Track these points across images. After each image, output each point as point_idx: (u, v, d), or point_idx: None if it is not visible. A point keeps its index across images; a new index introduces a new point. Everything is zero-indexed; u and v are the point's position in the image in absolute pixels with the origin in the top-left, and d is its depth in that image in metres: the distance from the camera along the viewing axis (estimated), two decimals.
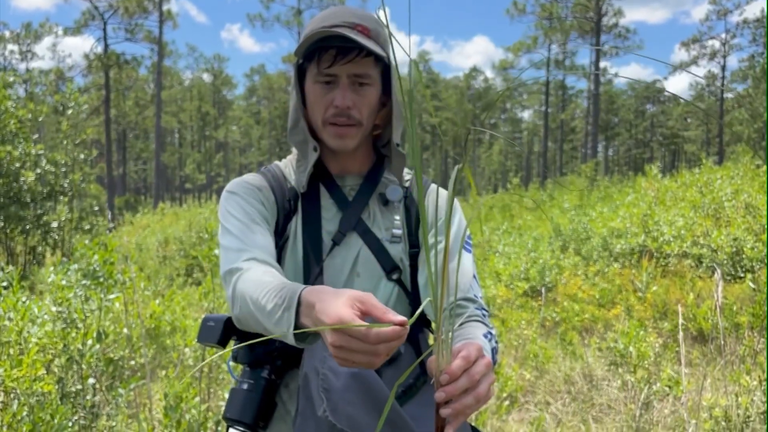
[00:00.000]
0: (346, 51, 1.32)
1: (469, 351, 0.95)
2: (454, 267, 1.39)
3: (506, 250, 10.05)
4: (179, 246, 12.33)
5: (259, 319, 1.09)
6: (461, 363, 0.93)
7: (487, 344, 1.24)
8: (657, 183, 13.43)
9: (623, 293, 7.08)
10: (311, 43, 1.34)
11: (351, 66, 1.33)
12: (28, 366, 2.96)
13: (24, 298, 3.37)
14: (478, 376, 0.94)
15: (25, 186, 9.45)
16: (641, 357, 4.39)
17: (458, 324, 1.33)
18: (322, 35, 1.31)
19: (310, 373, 1.06)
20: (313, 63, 1.37)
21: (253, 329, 1.17)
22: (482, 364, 0.96)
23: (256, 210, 1.37)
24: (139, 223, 19.86)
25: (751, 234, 7.50)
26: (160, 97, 36.83)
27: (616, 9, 40.25)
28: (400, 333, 0.88)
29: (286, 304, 1.02)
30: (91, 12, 35.60)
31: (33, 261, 10.00)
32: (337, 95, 1.34)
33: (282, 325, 1.02)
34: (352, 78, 1.35)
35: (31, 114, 10.07)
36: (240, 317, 1.18)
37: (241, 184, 1.43)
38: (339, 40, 1.32)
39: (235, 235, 1.31)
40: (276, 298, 1.06)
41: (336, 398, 1.02)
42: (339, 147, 1.39)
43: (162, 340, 4.32)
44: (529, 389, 4.98)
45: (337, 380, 1.03)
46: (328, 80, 1.35)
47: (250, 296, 1.13)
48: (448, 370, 0.92)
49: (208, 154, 58.79)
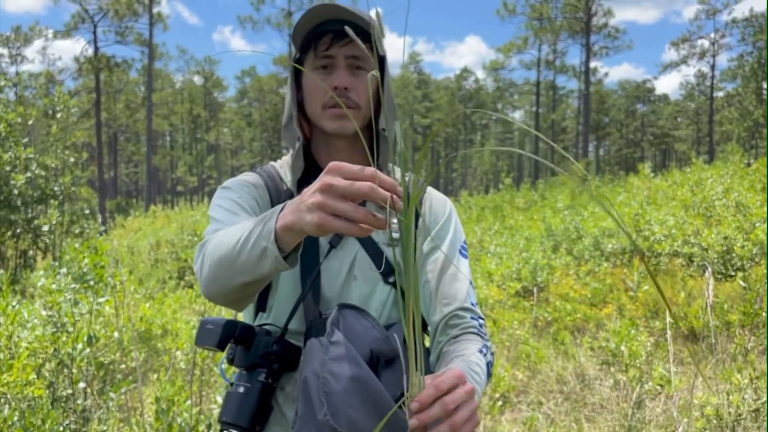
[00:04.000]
0: (342, 33, 1.32)
1: (443, 379, 0.95)
2: (452, 274, 1.39)
3: (498, 250, 10.08)
4: (171, 249, 12.30)
5: (233, 255, 1.04)
6: (431, 392, 0.93)
7: (482, 360, 1.24)
8: (649, 182, 13.50)
9: (615, 292, 7.11)
10: (308, 31, 1.35)
11: (348, 48, 1.34)
12: (18, 370, 2.94)
13: (14, 303, 3.35)
14: (452, 405, 0.94)
15: (16, 190, 9.40)
16: (633, 356, 4.41)
17: (453, 336, 1.33)
18: (319, 19, 1.32)
19: (310, 376, 1.06)
20: (310, 51, 1.37)
21: (220, 287, 1.11)
22: (460, 392, 0.96)
23: (247, 203, 1.35)
24: (131, 226, 19.79)
25: (741, 233, 7.54)
26: (151, 100, 36.71)
27: (605, 9, 40.45)
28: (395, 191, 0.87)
29: (269, 214, 1.00)
30: (81, 15, 35.45)
31: (24, 265, 9.95)
32: (335, 77, 1.34)
33: (260, 240, 0.99)
34: (350, 60, 1.35)
35: (21, 118, 10.02)
36: (208, 276, 1.12)
37: (236, 181, 1.42)
38: (335, 24, 1.32)
39: (219, 221, 1.29)
40: (252, 223, 1.03)
41: (337, 401, 1.01)
42: (338, 129, 1.37)
43: (153, 343, 4.31)
44: (521, 389, 4.99)
45: (338, 383, 1.02)
46: (326, 63, 1.36)
47: (222, 241, 1.09)
48: (418, 397, 0.92)
49: (200, 156, 58.66)
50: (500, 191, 21.79)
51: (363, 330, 1.14)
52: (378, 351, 1.14)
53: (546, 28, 42.50)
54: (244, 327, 1.30)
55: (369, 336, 1.14)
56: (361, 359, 1.07)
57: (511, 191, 20.26)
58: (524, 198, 18.98)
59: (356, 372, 1.04)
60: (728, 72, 46.64)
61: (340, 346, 1.07)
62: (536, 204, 17.65)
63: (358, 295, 1.33)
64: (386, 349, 1.15)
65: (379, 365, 1.14)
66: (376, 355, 1.13)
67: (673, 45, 46.57)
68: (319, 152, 1.45)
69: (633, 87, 62.01)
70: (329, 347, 1.07)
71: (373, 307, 1.33)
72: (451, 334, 1.34)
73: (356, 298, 1.32)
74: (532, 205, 17.79)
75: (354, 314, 1.16)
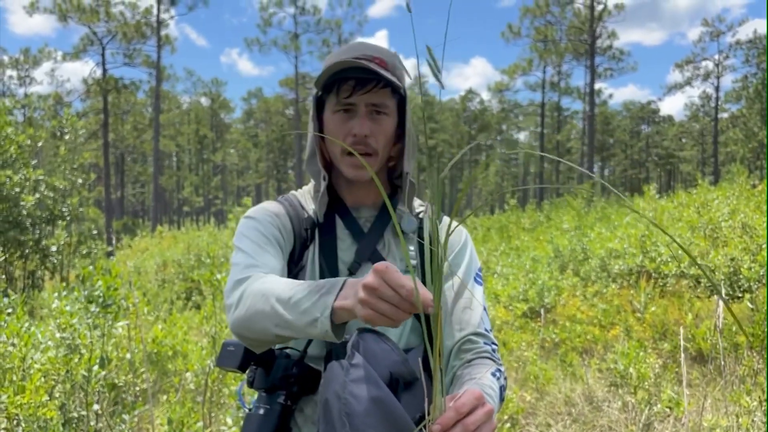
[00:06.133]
0: (364, 81, 1.37)
1: (464, 401, 0.99)
2: (466, 300, 1.43)
3: (504, 271, 10.07)
4: (178, 269, 12.33)
5: (280, 310, 1.13)
6: (453, 414, 0.97)
7: (495, 383, 1.27)
8: (654, 203, 13.50)
9: (622, 314, 7.09)
10: (331, 74, 1.39)
11: (369, 96, 1.39)
12: (31, 392, 2.96)
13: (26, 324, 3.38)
14: (473, 426, 0.97)
15: (25, 211, 9.47)
16: (641, 378, 4.40)
17: (467, 360, 1.36)
18: (342, 66, 1.36)
19: (331, 398, 1.08)
20: (332, 94, 1.42)
21: (254, 331, 1.19)
22: (480, 413, 0.99)
23: (271, 234, 1.40)
24: (138, 246, 19.84)
25: (748, 254, 7.53)
26: (158, 121, 36.93)
27: (610, 31, 40.56)
28: (428, 303, 0.96)
29: (326, 289, 1.09)
30: (89, 37, 35.79)
31: (32, 285, 9.98)
32: (355, 124, 1.39)
33: (314, 310, 1.08)
34: (370, 107, 1.40)
35: (31, 139, 10.12)
36: (245, 316, 1.19)
37: (259, 210, 1.47)
38: (358, 71, 1.37)
39: (246, 253, 1.34)
40: (310, 287, 1.11)
41: (357, 422, 1.04)
42: (356, 177, 1.43)
43: (164, 364, 4.32)
44: (529, 411, 4.98)
45: (359, 405, 1.05)
46: (347, 109, 1.41)
47: (269, 291, 1.16)
48: (440, 420, 0.95)
49: (206, 176, 58.89)
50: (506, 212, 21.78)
51: (382, 353, 1.17)
52: (397, 374, 1.16)
53: (551, 50, 42.73)
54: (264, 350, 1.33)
55: (389, 359, 1.16)
56: (382, 381, 1.10)
57: (516, 212, 20.26)
58: (530, 219, 18.97)
59: (377, 393, 1.07)
60: (732, 93, 46.71)
61: (360, 369, 1.10)
62: (542, 225, 17.64)
63: None
64: (405, 371, 1.18)
65: (398, 388, 1.16)
66: (396, 378, 1.16)
67: (678, 66, 46.76)
68: (341, 188, 1.52)
69: (637, 108, 62.16)
70: (350, 369, 1.10)
71: (392, 333, 1.36)
72: (464, 358, 1.36)
73: None
74: (537, 225, 17.78)
75: (374, 338, 1.19)
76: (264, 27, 41.76)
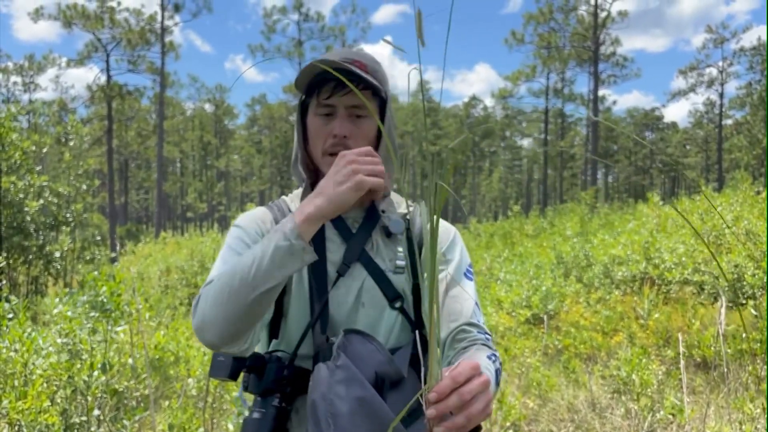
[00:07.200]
0: (343, 83, 1.38)
1: (460, 370, 0.98)
2: (457, 294, 1.43)
3: (508, 277, 10.06)
4: (181, 275, 12.34)
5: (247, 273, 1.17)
6: (449, 382, 0.95)
7: (491, 365, 1.26)
8: (658, 210, 13.49)
9: (625, 320, 7.08)
10: (312, 77, 1.42)
11: (349, 98, 1.40)
12: (33, 398, 2.97)
13: (29, 330, 3.38)
14: (469, 395, 0.96)
15: (29, 216, 9.50)
16: (644, 385, 4.39)
17: (462, 348, 1.36)
18: (321, 67, 1.38)
19: (318, 399, 1.10)
20: (313, 97, 1.44)
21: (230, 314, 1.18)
22: (477, 383, 0.98)
23: (254, 242, 1.41)
24: (141, 252, 19.87)
25: (751, 261, 7.51)
26: (162, 127, 37.06)
27: (613, 38, 40.61)
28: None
29: (275, 229, 1.19)
30: (94, 44, 35.96)
31: (35, 291, 10.01)
32: (335, 125, 1.41)
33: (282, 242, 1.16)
34: (350, 109, 1.41)
35: (35, 145, 10.16)
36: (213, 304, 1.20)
37: (246, 217, 1.49)
38: (339, 73, 1.38)
39: (224, 261, 1.37)
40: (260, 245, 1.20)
41: (343, 422, 1.06)
42: None
43: (166, 370, 4.32)
44: (532, 418, 4.96)
45: (344, 405, 1.07)
46: (328, 111, 1.42)
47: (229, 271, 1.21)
48: (436, 388, 0.94)
49: (210, 183, 58.97)
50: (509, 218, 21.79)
51: (368, 354, 1.18)
52: (383, 373, 1.18)
53: (554, 57, 42.75)
54: (254, 356, 1.35)
55: (374, 359, 1.18)
56: (367, 382, 1.12)
57: (520, 218, 20.26)
58: (533, 225, 18.97)
59: (361, 394, 1.09)
60: (737, 100, 46.69)
61: (345, 370, 1.12)
62: (545, 231, 17.63)
63: (366, 322, 1.37)
64: (391, 371, 1.19)
65: (384, 387, 1.18)
66: (381, 378, 1.17)
67: (682, 73, 46.76)
68: None
69: (641, 115, 62.11)
70: (335, 371, 1.12)
71: (381, 333, 1.37)
72: (458, 347, 1.36)
73: (364, 325, 1.36)
74: (541, 232, 17.77)
75: (359, 339, 1.21)
76: (268, 33, 41.92)
